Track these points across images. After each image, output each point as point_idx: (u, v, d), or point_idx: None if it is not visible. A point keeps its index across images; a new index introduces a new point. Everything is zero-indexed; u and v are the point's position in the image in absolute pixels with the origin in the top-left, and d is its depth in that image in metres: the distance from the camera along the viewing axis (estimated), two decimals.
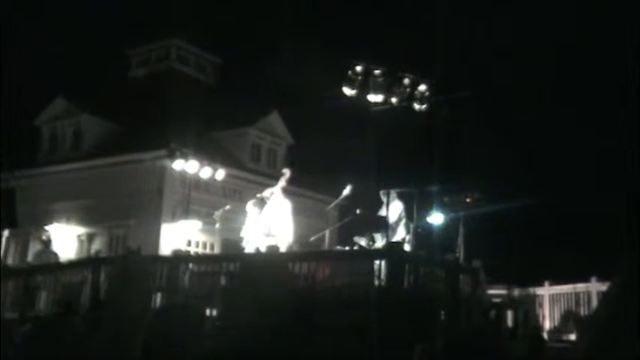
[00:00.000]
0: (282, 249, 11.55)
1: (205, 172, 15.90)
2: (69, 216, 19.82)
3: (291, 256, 10.99)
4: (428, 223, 13.29)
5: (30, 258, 17.20)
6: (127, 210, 18.63)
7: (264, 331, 8.69)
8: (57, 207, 19.96)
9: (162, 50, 23.64)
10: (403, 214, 11.66)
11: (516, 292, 14.06)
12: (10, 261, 18.98)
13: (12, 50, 23.53)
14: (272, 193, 12.41)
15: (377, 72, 11.15)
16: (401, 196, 11.72)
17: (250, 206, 12.46)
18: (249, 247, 12.11)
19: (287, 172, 12.65)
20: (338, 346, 8.36)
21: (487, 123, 21.99)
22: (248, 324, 8.96)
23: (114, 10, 24.67)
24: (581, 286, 13.41)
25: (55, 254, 14.38)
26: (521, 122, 23.02)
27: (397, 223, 11.50)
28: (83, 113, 21.18)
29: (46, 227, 19.14)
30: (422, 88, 11.30)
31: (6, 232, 10.53)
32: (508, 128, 22.95)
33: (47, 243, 14.73)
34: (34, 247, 18.61)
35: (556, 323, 13.68)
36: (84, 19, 24.57)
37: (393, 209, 11.38)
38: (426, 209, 13.15)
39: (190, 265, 10.96)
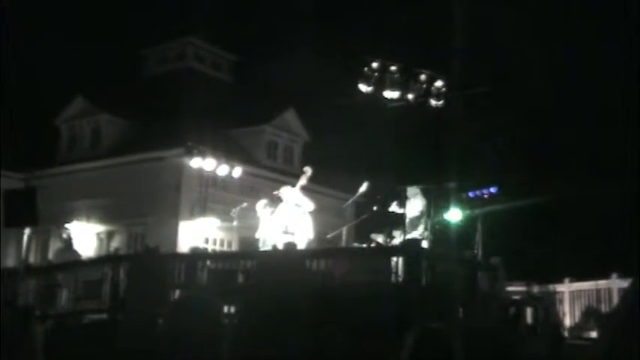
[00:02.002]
0: (301, 246, 11.53)
1: (222, 170, 15.95)
2: (88, 214, 20.02)
3: (308, 253, 10.99)
4: (446, 219, 13.21)
5: (51, 256, 17.39)
6: (145, 208, 18.77)
7: (282, 329, 8.70)
8: (77, 205, 20.16)
9: (179, 49, 23.76)
10: (425, 210, 11.56)
11: (536, 289, 13.92)
12: (31, 259, 19.20)
13: (31, 51, 23.79)
14: (289, 193, 12.34)
15: (393, 68, 11.12)
16: (424, 193, 11.63)
17: (260, 207, 12.39)
18: (265, 248, 12.09)
19: (308, 171, 12.57)
20: (356, 343, 8.34)
21: (505, 118, 21.81)
22: (266, 321, 8.98)
23: (131, 10, 24.81)
24: (602, 283, 13.23)
25: (76, 252, 14.50)
26: (541, 117, 22.81)
27: (418, 218, 11.40)
28: (101, 112, 21.38)
29: (67, 225, 19.35)
30: (438, 84, 11.25)
31: (27, 231, 10.66)
32: (527, 124, 22.75)
33: (68, 241, 14.85)
34: (54, 245, 18.81)
35: (577, 320, 13.52)
36: (102, 18, 24.75)
37: (415, 205, 11.30)
38: (443, 206, 13.07)
39: (208, 263, 11.01)
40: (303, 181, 12.45)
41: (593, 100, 21.71)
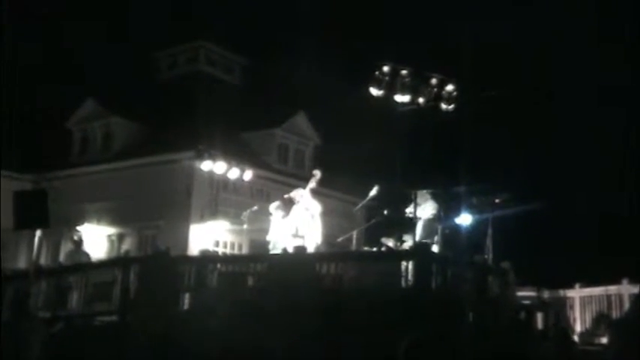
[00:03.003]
0: (310, 250, 11.55)
1: (233, 173, 15.98)
2: (99, 216, 20.11)
3: (318, 256, 10.99)
4: (456, 224, 13.18)
5: (62, 258, 17.47)
6: (156, 210, 18.83)
7: (291, 332, 8.71)
8: (88, 207, 20.27)
9: (191, 52, 23.84)
10: (437, 213, 11.53)
11: (546, 294, 13.86)
12: (42, 261, 19.29)
13: (44, 52, 23.97)
14: (301, 195, 12.39)
15: (404, 72, 11.11)
16: (435, 197, 11.62)
17: (274, 209, 12.44)
18: (275, 251, 12.13)
19: (318, 174, 12.64)
20: (365, 347, 8.34)
21: (515, 123, 21.76)
22: (275, 325, 8.99)
23: (143, 13, 24.95)
24: (612, 289, 13.15)
25: (86, 254, 14.58)
26: (551, 122, 22.72)
27: (432, 222, 11.37)
28: (113, 115, 21.49)
29: (78, 227, 19.45)
30: (449, 87, 11.23)
31: (38, 233, 10.75)
32: (537, 128, 22.68)
33: (78, 243, 14.93)
34: (65, 247, 18.91)
35: (587, 326, 13.45)
36: (113, 21, 24.91)
37: (427, 209, 11.28)
38: (454, 210, 13.05)
39: (218, 266, 11.03)
40: (312, 184, 12.50)
41: (607, 106, 21.62)
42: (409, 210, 11.25)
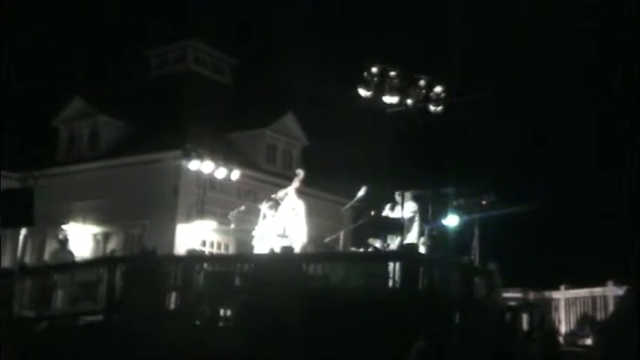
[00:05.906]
0: (296, 250, 11.55)
1: (220, 173, 15.94)
2: (85, 215, 19.99)
3: (305, 257, 10.99)
4: (443, 225, 13.22)
5: (46, 257, 17.36)
6: (142, 210, 18.75)
7: (278, 332, 8.70)
8: (74, 206, 20.14)
9: (180, 51, 23.77)
10: (416, 215, 11.61)
11: (531, 295, 13.94)
12: (27, 260, 19.16)
13: (31, 50, 23.80)
14: (286, 194, 12.43)
15: (392, 73, 11.12)
16: (416, 198, 11.68)
17: (266, 208, 12.46)
18: (259, 246, 12.15)
19: (301, 173, 12.71)
20: (352, 347, 8.34)
21: (503, 125, 21.87)
22: (262, 324, 8.98)
23: (132, 12, 24.85)
24: (597, 291, 13.25)
25: (71, 253, 14.50)
26: (539, 124, 22.85)
27: (410, 222, 11.43)
28: (100, 114, 21.37)
29: (63, 226, 19.32)
30: (438, 89, 11.26)
31: (23, 231, 10.65)
32: (525, 130, 22.81)
33: (63, 242, 14.86)
34: (50, 246, 18.79)
35: (572, 327, 13.54)
36: (102, 20, 24.79)
37: (407, 209, 11.33)
38: (441, 211, 13.09)
39: (205, 266, 11.00)
40: (295, 183, 12.54)
41: (595, 108, 21.76)
42: (386, 212, 11.32)
